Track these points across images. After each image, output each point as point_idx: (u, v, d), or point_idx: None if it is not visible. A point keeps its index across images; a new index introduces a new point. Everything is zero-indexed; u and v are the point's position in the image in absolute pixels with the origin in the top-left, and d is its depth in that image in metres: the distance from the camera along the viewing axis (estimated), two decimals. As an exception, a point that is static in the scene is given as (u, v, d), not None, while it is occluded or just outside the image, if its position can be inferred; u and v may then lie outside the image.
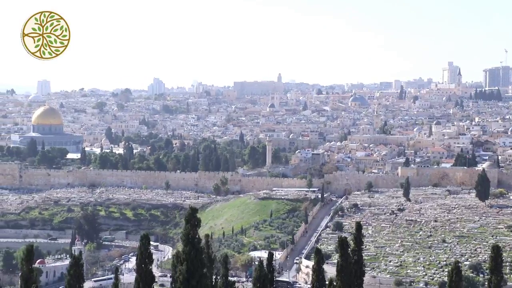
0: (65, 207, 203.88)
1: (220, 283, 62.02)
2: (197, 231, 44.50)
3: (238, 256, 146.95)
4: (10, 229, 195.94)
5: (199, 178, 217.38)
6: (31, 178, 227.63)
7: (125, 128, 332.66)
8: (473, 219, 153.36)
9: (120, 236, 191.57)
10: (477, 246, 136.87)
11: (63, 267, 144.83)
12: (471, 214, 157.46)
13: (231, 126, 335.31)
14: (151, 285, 47.60)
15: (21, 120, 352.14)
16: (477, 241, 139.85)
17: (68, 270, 49.13)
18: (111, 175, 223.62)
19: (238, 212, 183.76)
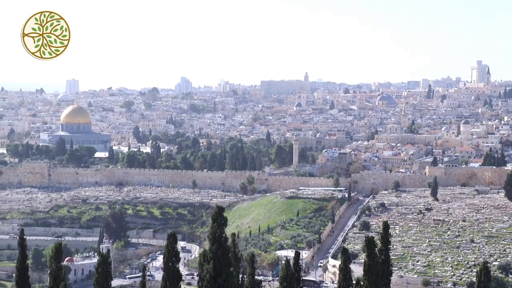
0: (93, 206, 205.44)
1: (247, 282, 62.03)
2: (223, 230, 44.57)
3: (264, 255, 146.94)
4: (40, 227, 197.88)
5: (226, 177, 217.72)
6: (60, 177, 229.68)
7: (152, 127, 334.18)
8: (502, 219, 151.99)
9: (147, 235, 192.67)
10: (506, 246, 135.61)
11: (91, 265, 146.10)
12: (500, 214, 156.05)
13: (257, 125, 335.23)
14: (178, 283, 47.77)
15: (50, 119, 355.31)
16: (506, 241, 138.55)
17: (96, 268, 49.47)
18: (138, 174, 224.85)
19: (264, 211, 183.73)
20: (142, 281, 56.76)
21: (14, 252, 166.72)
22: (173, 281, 47.56)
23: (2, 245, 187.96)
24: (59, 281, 48.64)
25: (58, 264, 49.36)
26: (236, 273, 55.19)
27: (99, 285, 48.62)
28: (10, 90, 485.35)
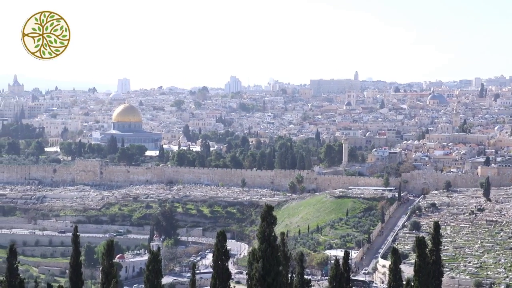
0: (143, 204, 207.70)
1: (296, 281, 62.02)
2: (273, 229, 44.55)
3: (313, 254, 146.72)
4: (92, 224, 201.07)
5: (275, 176, 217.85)
6: (111, 175, 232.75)
7: (202, 126, 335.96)
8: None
9: (196, 233, 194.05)
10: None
11: (141, 263, 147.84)
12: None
13: (307, 124, 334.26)
14: (227, 282, 47.99)
15: (102, 118, 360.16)
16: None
17: (147, 266, 49.95)
18: (188, 173, 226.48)
19: (313, 211, 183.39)
20: (192, 279, 57.23)
21: (67, 249, 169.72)
22: (222, 279, 47.79)
23: (55, 241, 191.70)
24: (110, 278, 49.33)
25: (110, 261, 50.08)
26: (285, 272, 55.24)
27: (150, 283, 49.11)
28: (64, 89, 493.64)
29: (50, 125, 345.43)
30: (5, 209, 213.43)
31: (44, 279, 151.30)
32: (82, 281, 51.85)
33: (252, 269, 44.34)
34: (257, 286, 43.50)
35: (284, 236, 60.06)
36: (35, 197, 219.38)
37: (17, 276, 51.15)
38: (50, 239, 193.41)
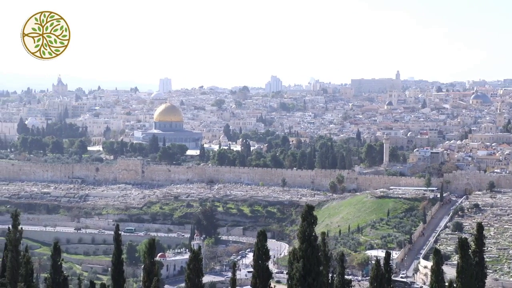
0: (184, 203, 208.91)
1: (336, 281, 61.82)
2: (313, 229, 44.49)
3: (354, 254, 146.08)
4: (133, 222, 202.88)
5: (315, 175, 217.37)
6: (153, 174, 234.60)
7: (242, 125, 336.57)
8: None
9: (237, 232, 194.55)
10: None
11: (182, 261, 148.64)
12: None
13: (348, 123, 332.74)
14: (267, 281, 48.03)
15: (143, 117, 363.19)
16: None
17: (188, 264, 50.24)
18: (229, 172, 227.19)
19: (354, 210, 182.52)
20: (232, 278, 57.41)
21: (109, 247, 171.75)
22: (262, 279, 47.86)
23: (98, 239, 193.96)
24: (152, 276, 49.77)
25: (152, 259, 50.52)
26: (326, 272, 55.11)
27: (191, 281, 49.42)
28: (107, 89, 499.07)
29: (93, 124, 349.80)
30: (49, 207, 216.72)
31: (87, 277, 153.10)
32: (124, 279, 52.35)
33: (292, 269, 44.36)
34: (297, 286, 43.50)
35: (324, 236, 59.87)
36: (78, 196, 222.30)
37: (61, 273, 51.99)
38: (92, 237, 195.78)
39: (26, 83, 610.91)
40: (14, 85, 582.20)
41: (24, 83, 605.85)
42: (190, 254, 50.29)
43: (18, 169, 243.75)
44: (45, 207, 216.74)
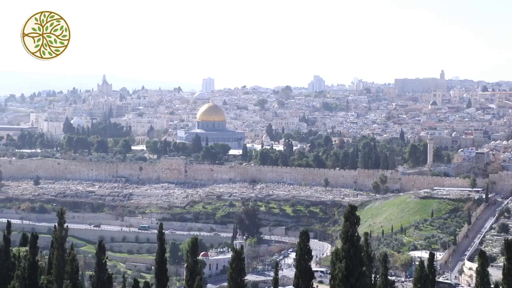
0: (227, 202, 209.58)
1: (379, 282, 61.50)
2: (356, 229, 44.36)
3: (397, 255, 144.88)
4: (176, 221, 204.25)
5: (358, 175, 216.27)
6: (196, 173, 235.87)
7: (285, 125, 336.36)
8: None
9: (279, 232, 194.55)
10: None
11: (225, 260, 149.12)
12: None
13: (391, 123, 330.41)
14: (310, 281, 48.00)
15: (186, 117, 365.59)
16: None
17: (230, 264, 50.37)
18: (271, 171, 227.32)
19: (397, 211, 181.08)
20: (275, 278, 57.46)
21: (153, 246, 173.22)
22: (305, 278, 47.84)
23: (141, 238, 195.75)
24: (195, 275, 50.10)
25: (194, 258, 50.85)
26: (369, 272, 54.87)
27: (233, 281, 49.58)
28: (150, 89, 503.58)
29: (137, 124, 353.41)
30: (94, 206, 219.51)
31: (130, 275, 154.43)
32: (167, 278, 52.78)
33: (335, 269, 44.27)
34: (340, 286, 43.41)
35: (367, 236, 59.66)
36: (122, 194, 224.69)
37: (106, 271, 52.61)
38: (136, 235, 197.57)
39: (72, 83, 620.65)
40: (60, 85, 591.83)
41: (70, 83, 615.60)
42: (233, 254, 50.43)
43: (64, 168, 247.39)
44: (90, 206, 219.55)
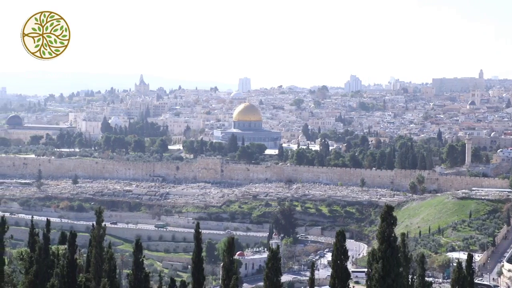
0: (263, 202, 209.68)
1: (417, 283, 60.99)
2: (393, 230, 44.08)
3: (435, 256, 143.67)
4: (213, 221, 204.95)
5: (395, 176, 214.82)
6: (232, 173, 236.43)
7: (321, 125, 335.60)
8: None
9: (315, 232, 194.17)
10: None
11: (261, 260, 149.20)
12: None
13: (428, 123, 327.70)
14: (346, 281, 47.83)
15: (223, 117, 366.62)
16: None
17: (266, 263, 50.37)
18: (307, 171, 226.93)
19: (435, 212, 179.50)
20: (311, 278, 57.36)
21: (189, 245, 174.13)
22: (341, 279, 47.68)
23: (178, 237, 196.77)
24: (231, 274, 50.22)
25: (231, 258, 50.96)
26: (406, 273, 54.46)
27: (269, 280, 49.58)
28: (187, 88, 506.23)
29: (174, 123, 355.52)
30: (131, 205, 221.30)
31: (167, 274, 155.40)
32: (203, 277, 52.98)
33: (371, 270, 44.05)
34: (376, 287, 43.18)
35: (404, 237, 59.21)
36: (159, 194, 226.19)
37: (143, 269, 53.03)
38: (173, 234, 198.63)
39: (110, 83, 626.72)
40: (98, 85, 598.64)
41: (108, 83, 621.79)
42: (269, 253, 50.44)
43: (102, 167, 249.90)
44: (127, 205, 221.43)
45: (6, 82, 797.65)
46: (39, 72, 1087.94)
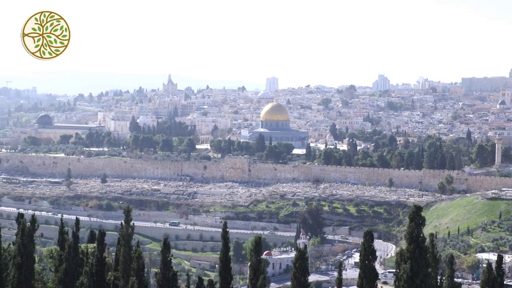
0: (290, 201, 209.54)
1: (445, 284, 60.54)
2: (421, 230, 43.80)
3: (464, 257, 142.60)
4: (240, 220, 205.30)
5: (423, 176, 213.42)
6: (259, 172, 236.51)
7: (349, 124, 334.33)
8: None
9: (343, 232, 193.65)
10: None
11: (288, 260, 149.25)
12: None
13: (457, 123, 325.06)
14: (374, 281, 47.62)
15: (250, 116, 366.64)
16: None
17: (294, 263, 50.29)
18: (334, 171, 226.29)
19: (464, 212, 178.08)
20: (338, 278, 57.20)
21: (217, 244, 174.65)
22: (369, 279, 47.48)
23: (205, 236, 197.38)
24: (258, 274, 50.17)
25: (258, 257, 50.94)
26: (434, 274, 54.07)
27: (297, 280, 49.50)
28: (215, 88, 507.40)
29: (201, 123, 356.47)
30: (159, 204, 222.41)
31: (195, 273, 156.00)
32: (231, 276, 53.03)
33: (400, 270, 43.83)
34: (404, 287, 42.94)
35: (433, 238, 58.80)
36: (186, 193, 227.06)
37: (171, 268, 53.21)
38: (200, 234, 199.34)
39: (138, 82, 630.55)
40: (127, 85, 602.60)
41: (136, 83, 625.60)
42: (296, 253, 50.36)
43: (130, 166, 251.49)
44: (155, 204, 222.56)
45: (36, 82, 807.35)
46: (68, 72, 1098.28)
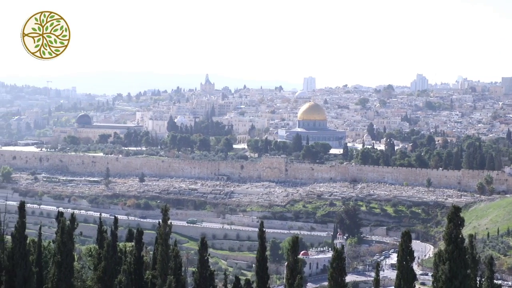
0: (327, 201, 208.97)
1: (485, 285, 59.89)
2: (460, 231, 43.38)
3: (504, 258, 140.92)
4: (277, 220, 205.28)
5: (462, 176, 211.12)
6: (296, 172, 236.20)
7: (386, 124, 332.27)
8: None
9: (380, 232, 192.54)
10: None
11: (325, 260, 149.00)
12: None
13: (497, 123, 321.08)
14: (412, 282, 47.31)
15: (287, 116, 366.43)
16: None
17: (331, 263, 50.15)
18: (372, 171, 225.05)
19: (504, 213, 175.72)
20: (376, 278, 56.92)
21: (253, 244, 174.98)
22: (407, 280, 47.18)
23: (242, 236, 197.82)
24: (295, 274, 50.16)
25: (295, 257, 50.93)
26: (474, 275, 53.52)
27: (334, 280, 49.37)
28: (252, 88, 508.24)
29: (238, 122, 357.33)
30: (196, 203, 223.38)
31: (232, 272, 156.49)
32: (268, 276, 53.07)
33: (438, 271, 43.47)
34: (443, 289, 42.56)
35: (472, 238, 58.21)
36: (223, 192, 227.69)
37: (208, 267, 53.48)
38: (237, 233, 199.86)
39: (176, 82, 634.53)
40: (165, 85, 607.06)
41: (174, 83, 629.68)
42: (333, 253, 50.24)
43: (168, 166, 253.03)
44: (192, 203, 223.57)
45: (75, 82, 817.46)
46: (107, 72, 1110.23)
